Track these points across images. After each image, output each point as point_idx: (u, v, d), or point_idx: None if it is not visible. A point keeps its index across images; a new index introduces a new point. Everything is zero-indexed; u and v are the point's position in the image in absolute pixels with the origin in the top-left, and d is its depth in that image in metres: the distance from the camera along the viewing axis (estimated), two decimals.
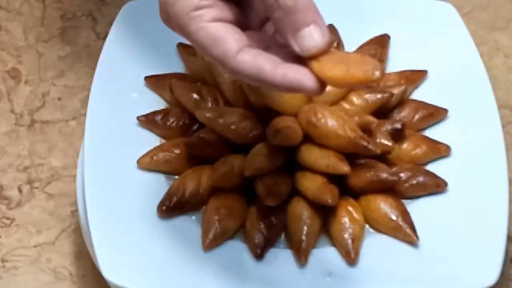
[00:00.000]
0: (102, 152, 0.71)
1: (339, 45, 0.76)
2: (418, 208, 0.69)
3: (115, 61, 0.76)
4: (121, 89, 0.75)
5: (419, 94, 0.76)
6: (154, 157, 0.71)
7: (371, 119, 0.69)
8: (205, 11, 0.56)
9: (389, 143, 0.69)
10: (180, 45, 0.77)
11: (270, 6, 0.55)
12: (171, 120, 0.73)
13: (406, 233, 0.67)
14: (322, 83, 0.55)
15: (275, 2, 0.55)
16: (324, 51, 0.55)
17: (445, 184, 0.70)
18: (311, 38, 0.55)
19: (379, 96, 0.72)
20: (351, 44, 0.77)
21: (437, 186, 0.70)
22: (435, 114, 0.74)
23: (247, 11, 0.59)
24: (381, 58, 0.76)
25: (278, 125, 0.68)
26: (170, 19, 0.57)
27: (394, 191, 0.69)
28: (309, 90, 0.55)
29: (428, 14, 0.80)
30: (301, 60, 0.56)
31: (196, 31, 0.56)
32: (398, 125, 0.71)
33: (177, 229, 0.68)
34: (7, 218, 0.77)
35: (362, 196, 0.69)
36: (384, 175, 0.68)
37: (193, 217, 0.69)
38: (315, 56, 0.55)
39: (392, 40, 0.78)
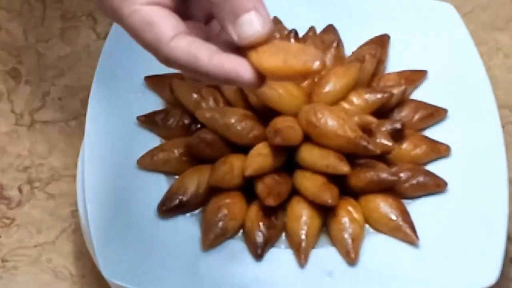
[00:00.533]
0: (102, 152, 0.71)
1: (339, 45, 0.76)
2: (418, 208, 0.69)
3: (115, 61, 0.76)
4: (121, 89, 0.75)
5: (419, 94, 0.76)
6: (154, 157, 0.71)
7: (371, 119, 0.69)
8: None
9: (389, 143, 0.69)
10: None
11: None
12: (171, 120, 0.73)
13: (406, 233, 0.67)
14: (261, 76, 0.51)
15: None
16: (265, 41, 0.51)
17: (445, 184, 0.70)
18: (251, 25, 0.51)
19: (379, 96, 0.72)
20: (351, 44, 0.77)
21: (437, 186, 0.70)
22: (435, 114, 0.74)
23: (190, 2, 0.56)
24: (381, 58, 0.76)
25: (278, 125, 0.68)
26: (103, 2, 0.54)
27: (394, 191, 0.69)
28: (246, 83, 0.51)
29: (428, 14, 0.80)
30: (241, 52, 0.52)
31: (129, 14, 0.52)
32: (398, 125, 0.71)
33: (177, 229, 0.68)
34: (7, 218, 0.77)
35: (362, 196, 0.69)
36: (384, 175, 0.68)
37: (193, 217, 0.69)
38: (254, 46, 0.51)
39: (392, 40, 0.78)
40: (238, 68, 0.51)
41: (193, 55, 0.51)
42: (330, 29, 0.78)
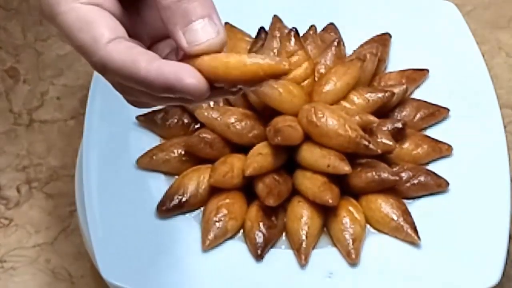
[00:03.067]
0: (101, 152, 0.71)
1: (340, 44, 0.75)
2: (419, 208, 0.69)
3: None
4: None
5: (420, 93, 0.75)
6: (154, 157, 0.70)
7: (372, 118, 0.69)
8: None
9: (390, 143, 0.69)
10: None
11: None
12: (171, 119, 0.73)
13: (407, 233, 0.67)
14: (207, 81, 0.47)
15: None
16: (217, 52, 0.48)
17: (447, 184, 0.69)
18: (204, 31, 0.47)
19: (380, 95, 0.71)
20: (352, 43, 0.77)
21: (438, 186, 0.69)
22: (437, 114, 0.73)
23: (137, 22, 0.52)
24: (382, 57, 0.76)
25: (279, 124, 0.67)
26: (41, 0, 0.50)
27: (395, 191, 0.69)
28: (189, 88, 0.46)
29: (429, 13, 0.80)
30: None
31: (65, 11, 0.48)
32: (399, 125, 0.71)
33: (176, 229, 0.68)
34: (6, 218, 0.76)
35: (363, 196, 0.69)
36: (385, 175, 0.68)
37: (193, 217, 0.69)
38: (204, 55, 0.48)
39: (393, 39, 0.78)
40: (180, 71, 0.46)
41: (132, 59, 0.47)
42: (331, 28, 0.78)
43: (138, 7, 0.52)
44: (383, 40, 0.77)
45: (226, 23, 0.76)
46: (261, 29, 0.76)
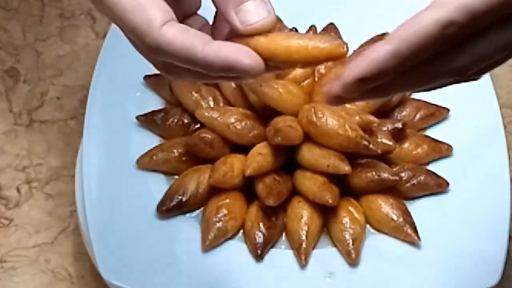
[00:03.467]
0: (101, 152, 0.71)
1: None
2: (419, 208, 0.69)
3: (114, 60, 0.76)
4: (121, 89, 0.75)
5: (420, 93, 0.75)
6: (154, 157, 0.70)
7: (372, 118, 0.69)
8: None
9: (390, 143, 0.69)
10: None
11: None
12: (171, 119, 0.73)
13: (407, 233, 0.67)
14: (264, 61, 0.48)
15: None
16: (268, 31, 0.49)
17: (447, 184, 0.69)
18: (256, 11, 0.49)
19: None
20: (351, 43, 0.77)
21: (438, 186, 0.69)
22: (437, 114, 0.73)
23: (173, 1, 0.52)
24: None
25: (279, 124, 0.67)
26: None
27: (395, 191, 0.69)
28: (247, 69, 0.47)
29: None
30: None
31: None
32: (399, 125, 0.71)
33: (176, 229, 0.68)
34: (6, 218, 0.76)
35: (363, 196, 0.69)
36: (385, 175, 0.68)
37: (193, 217, 0.69)
38: (258, 34, 0.49)
39: None
40: (238, 52, 0.48)
41: (188, 41, 0.48)
42: (331, 28, 0.78)
43: None
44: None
45: None
46: None
